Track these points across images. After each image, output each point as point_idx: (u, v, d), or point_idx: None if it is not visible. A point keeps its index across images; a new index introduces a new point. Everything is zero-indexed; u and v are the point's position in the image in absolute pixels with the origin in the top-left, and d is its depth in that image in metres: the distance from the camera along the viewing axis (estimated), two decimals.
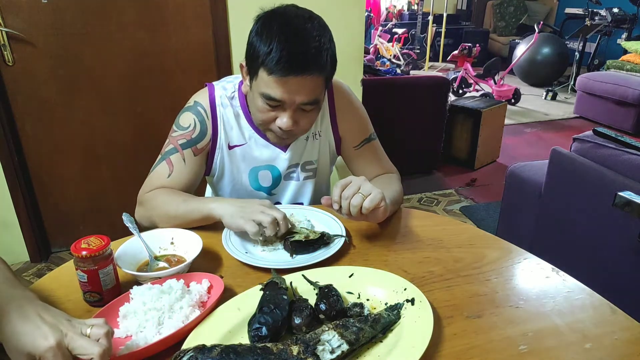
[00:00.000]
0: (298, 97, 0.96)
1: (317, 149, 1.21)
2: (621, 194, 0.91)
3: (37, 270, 2.32)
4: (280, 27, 0.92)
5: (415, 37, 7.37)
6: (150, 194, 1.08)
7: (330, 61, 0.97)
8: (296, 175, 1.21)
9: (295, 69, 0.91)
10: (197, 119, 1.12)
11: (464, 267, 0.91)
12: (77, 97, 2.20)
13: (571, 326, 0.75)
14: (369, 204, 0.90)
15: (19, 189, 2.21)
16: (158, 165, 1.12)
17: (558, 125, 4.74)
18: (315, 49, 0.92)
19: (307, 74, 0.93)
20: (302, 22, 0.94)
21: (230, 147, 1.15)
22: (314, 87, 0.96)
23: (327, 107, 1.18)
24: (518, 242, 1.00)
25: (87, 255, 0.77)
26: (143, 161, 2.40)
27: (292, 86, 0.94)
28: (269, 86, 0.94)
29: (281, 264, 0.90)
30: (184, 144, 1.11)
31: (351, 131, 1.21)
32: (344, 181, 0.94)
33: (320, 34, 0.94)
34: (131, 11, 2.15)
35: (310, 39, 0.92)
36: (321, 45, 0.93)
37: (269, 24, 0.94)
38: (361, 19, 2.46)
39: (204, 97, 1.14)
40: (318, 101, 1.00)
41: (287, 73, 0.91)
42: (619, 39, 5.76)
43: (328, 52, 0.95)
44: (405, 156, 2.79)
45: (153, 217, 1.05)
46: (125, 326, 0.73)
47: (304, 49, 0.91)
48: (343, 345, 0.65)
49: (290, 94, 0.95)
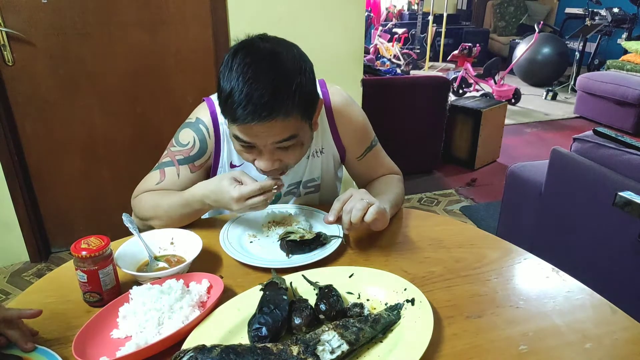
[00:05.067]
0: (269, 139, 0.89)
1: (320, 166, 1.16)
2: (621, 194, 0.91)
3: (37, 270, 2.32)
4: (241, 67, 0.84)
5: (415, 37, 7.37)
6: (136, 200, 1.09)
7: (301, 99, 0.87)
8: (297, 192, 1.19)
9: (255, 117, 0.83)
10: (196, 137, 1.08)
11: (464, 267, 0.91)
12: (77, 97, 2.20)
13: (571, 326, 0.75)
14: (370, 217, 0.89)
15: (19, 189, 2.20)
16: (152, 171, 1.11)
17: (558, 125, 4.73)
18: (277, 92, 0.83)
19: (271, 119, 0.84)
20: (264, 61, 0.85)
21: (232, 166, 1.13)
22: (284, 127, 0.88)
23: (327, 120, 1.12)
24: (518, 242, 1.00)
25: (87, 255, 0.77)
26: (143, 161, 2.40)
27: (258, 131, 0.87)
28: (235, 130, 0.90)
29: (280, 264, 0.90)
30: (181, 160, 1.09)
31: (352, 143, 1.17)
32: (345, 196, 0.93)
33: (285, 73, 0.86)
34: (131, 11, 2.14)
35: (269, 83, 0.83)
36: (286, 86, 0.84)
37: (232, 60, 0.86)
38: (361, 19, 2.46)
39: (205, 114, 1.09)
40: (295, 136, 0.91)
41: (249, 121, 0.84)
42: (619, 38, 5.76)
43: (297, 91, 0.86)
44: (405, 156, 2.77)
45: (144, 219, 1.06)
46: (125, 326, 0.73)
47: (263, 94, 0.82)
48: (343, 345, 0.65)
49: (260, 138, 0.89)
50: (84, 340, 0.68)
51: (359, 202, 0.90)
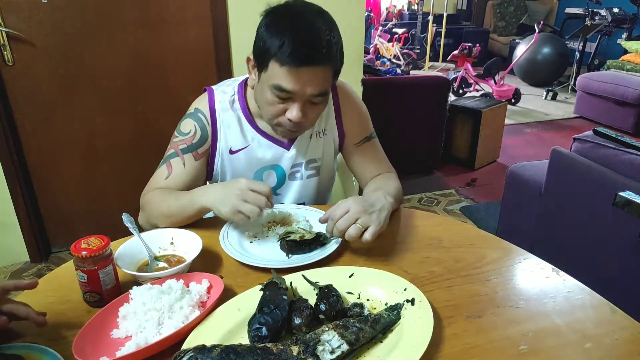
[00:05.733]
0: (309, 89, 0.97)
1: (322, 147, 1.22)
2: (621, 194, 0.91)
3: (37, 270, 2.32)
4: (292, 20, 0.95)
5: (416, 37, 7.37)
6: (147, 197, 1.09)
7: (340, 54, 1.00)
8: (300, 174, 1.22)
9: (307, 59, 0.93)
10: (197, 125, 1.13)
11: (464, 267, 0.91)
12: (77, 96, 2.20)
13: (571, 326, 0.75)
14: (369, 236, 0.89)
15: (19, 189, 2.21)
16: (159, 167, 1.13)
17: (558, 125, 4.73)
18: (326, 41, 0.94)
19: (319, 64, 0.95)
20: (312, 16, 0.96)
21: (232, 152, 1.16)
22: (324, 78, 0.98)
23: (332, 104, 1.20)
24: (518, 242, 1.00)
25: (87, 255, 0.77)
26: (143, 161, 2.40)
27: (303, 77, 0.95)
28: (280, 78, 0.95)
29: (280, 264, 0.90)
30: (184, 149, 1.12)
31: (353, 128, 1.23)
32: (341, 209, 0.92)
33: (330, 28, 0.96)
34: (131, 11, 2.14)
35: (321, 32, 0.94)
36: (331, 38, 0.95)
37: (280, 17, 0.96)
38: (361, 19, 2.46)
39: (204, 104, 1.15)
40: (327, 93, 1.02)
41: (299, 64, 0.93)
42: (619, 38, 5.76)
43: (337, 45, 0.98)
44: (405, 156, 2.78)
45: (151, 218, 1.06)
46: (125, 326, 0.73)
47: (316, 40, 0.93)
48: (343, 345, 0.65)
49: (302, 85, 0.96)
50: (84, 340, 0.68)
51: (353, 229, 0.89)
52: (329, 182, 1.31)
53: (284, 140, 1.17)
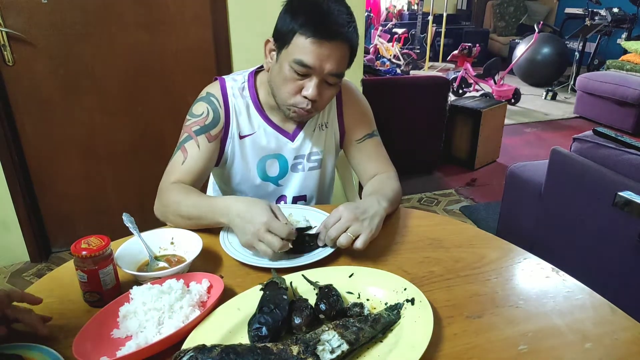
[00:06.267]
0: (327, 65, 1.00)
1: (324, 140, 1.24)
2: (621, 194, 0.91)
3: (37, 270, 2.32)
4: (316, 1, 1.00)
5: (415, 37, 7.37)
6: (166, 193, 1.07)
7: (356, 37, 1.04)
8: (302, 166, 1.23)
9: (331, 34, 0.98)
10: (210, 107, 1.15)
11: (464, 267, 0.91)
12: (77, 97, 2.20)
13: (571, 326, 0.75)
14: (360, 245, 0.89)
15: (19, 189, 2.20)
16: (174, 154, 1.14)
17: (558, 125, 4.74)
18: (347, 21, 1.00)
19: (340, 39, 0.99)
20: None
21: (241, 137, 1.18)
22: (342, 57, 1.02)
23: (335, 98, 1.22)
24: (518, 242, 1.00)
25: (87, 255, 0.77)
26: (143, 161, 2.41)
27: (324, 51, 0.99)
28: (302, 51, 0.99)
29: (280, 264, 0.90)
30: (197, 130, 1.13)
31: (355, 123, 1.25)
32: (333, 219, 0.92)
33: (349, 11, 1.02)
34: (131, 11, 2.14)
35: (342, 13, 1.00)
36: (352, 20, 1.01)
37: (304, 0, 1.02)
38: (361, 19, 2.46)
39: (216, 89, 1.17)
40: (342, 75, 1.06)
41: (323, 37, 0.97)
42: (619, 38, 5.76)
43: (356, 28, 1.03)
44: (405, 156, 2.78)
45: (167, 214, 1.05)
46: (125, 326, 0.73)
47: (339, 18, 0.99)
48: (343, 345, 0.65)
49: (321, 61, 0.99)
50: (84, 340, 0.68)
51: (344, 238, 0.89)
52: (330, 177, 1.33)
53: (289, 131, 1.20)
